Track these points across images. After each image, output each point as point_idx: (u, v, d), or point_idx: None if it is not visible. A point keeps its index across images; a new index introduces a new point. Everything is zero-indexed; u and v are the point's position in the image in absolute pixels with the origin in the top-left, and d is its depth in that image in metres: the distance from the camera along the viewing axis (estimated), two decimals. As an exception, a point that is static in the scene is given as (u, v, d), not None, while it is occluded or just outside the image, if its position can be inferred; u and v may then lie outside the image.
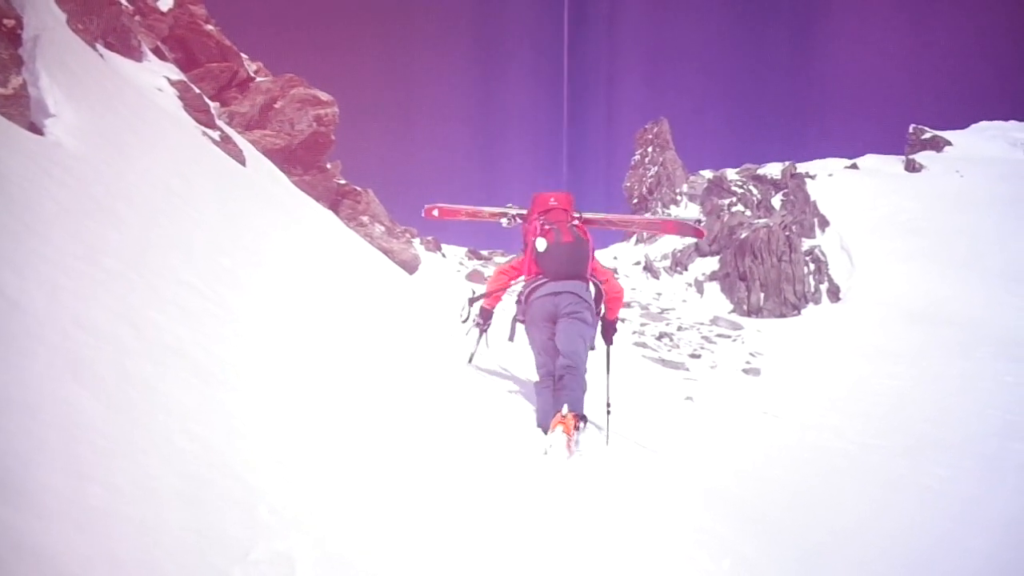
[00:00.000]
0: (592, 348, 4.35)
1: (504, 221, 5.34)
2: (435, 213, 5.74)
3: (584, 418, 3.86)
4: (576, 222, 4.59)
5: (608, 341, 4.74)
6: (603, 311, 4.62)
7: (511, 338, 4.62)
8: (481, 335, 4.90)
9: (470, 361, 5.02)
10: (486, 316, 4.81)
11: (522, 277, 4.58)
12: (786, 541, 4.06)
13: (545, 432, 3.82)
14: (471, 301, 4.86)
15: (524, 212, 5.14)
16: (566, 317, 4.21)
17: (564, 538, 2.39)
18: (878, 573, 3.99)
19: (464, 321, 4.86)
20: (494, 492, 2.56)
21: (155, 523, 1.30)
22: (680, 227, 6.16)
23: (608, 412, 4.55)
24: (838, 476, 6.95)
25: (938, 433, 9.76)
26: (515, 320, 4.55)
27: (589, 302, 4.34)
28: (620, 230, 5.76)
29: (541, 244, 4.35)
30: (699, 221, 6.12)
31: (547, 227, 4.43)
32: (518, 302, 4.50)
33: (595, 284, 4.49)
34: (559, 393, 3.97)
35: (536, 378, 4.34)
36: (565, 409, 3.76)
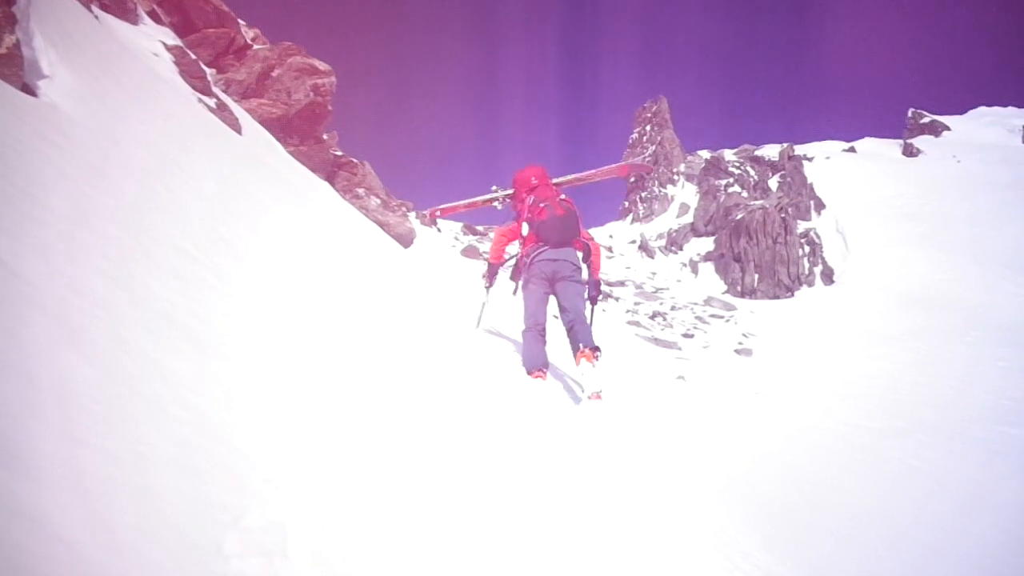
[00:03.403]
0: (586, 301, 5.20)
1: (497, 205, 6.25)
2: (437, 214, 6.81)
3: (599, 348, 4.73)
4: (563, 196, 5.32)
5: (593, 301, 5.45)
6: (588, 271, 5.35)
7: (515, 292, 5.41)
8: (488, 293, 5.72)
9: (477, 325, 5.75)
10: (493, 272, 5.64)
11: (517, 241, 5.38)
12: (794, 541, 4.06)
13: (529, 373, 4.64)
14: (489, 273, 5.67)
15: (510, 192, 6.01)
16: (565, 280, 5.03)
17: (586, 535, 2.40)
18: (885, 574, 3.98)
19: (487, 287, 5.72)
20: (497, 468, 2.57)
21: (148, 489, 1.30)
22: (632, 168, 8.08)
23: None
24: (837, 464, 6.91)
25: (934, 417, 9.80)
26: (519, 279, 5.32)
27: (580, 267, 5.16)
28: (584, 184, 6.75)
29: (525, 228, 5.17)
30: (646, 159, 7.88)
31: (542, 205, 5.14)
32: (520, 266, 5.26)
33: (586, 246, 5.28)
34: (575, 336, 4.82)
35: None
36: (581, 346, 4.67)
